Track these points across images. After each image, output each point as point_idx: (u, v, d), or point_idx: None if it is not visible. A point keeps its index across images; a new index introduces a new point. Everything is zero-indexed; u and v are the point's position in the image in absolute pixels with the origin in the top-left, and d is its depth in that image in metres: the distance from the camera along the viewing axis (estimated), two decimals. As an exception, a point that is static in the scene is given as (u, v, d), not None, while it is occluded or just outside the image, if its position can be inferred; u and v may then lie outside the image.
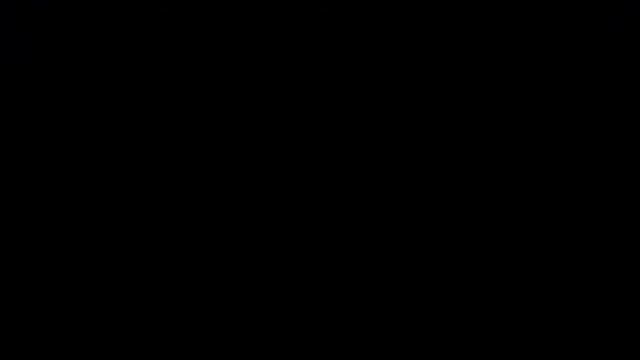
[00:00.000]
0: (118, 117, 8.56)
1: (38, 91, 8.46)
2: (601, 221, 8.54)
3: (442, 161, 8.66)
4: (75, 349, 8.23)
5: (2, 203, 8.36)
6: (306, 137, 8.62)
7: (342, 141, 8.65)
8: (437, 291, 8.52)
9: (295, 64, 8.68)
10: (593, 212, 8.57)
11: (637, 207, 8.51)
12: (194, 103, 8.64)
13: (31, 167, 8.43)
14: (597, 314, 8.34)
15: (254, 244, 8.51)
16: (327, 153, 8.64)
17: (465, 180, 8.66)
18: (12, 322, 8.19)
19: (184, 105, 8.65)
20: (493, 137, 8.66)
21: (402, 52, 8.70)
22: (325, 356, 8.31)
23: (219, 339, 8.43)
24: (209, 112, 8.65)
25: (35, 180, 8.43)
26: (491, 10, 8.60)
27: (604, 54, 8.55)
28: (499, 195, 8.65)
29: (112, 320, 8.33)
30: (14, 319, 8.21)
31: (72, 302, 8.33)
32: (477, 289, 8.58)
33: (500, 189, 8.67)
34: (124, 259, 8.43)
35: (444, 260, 8.57)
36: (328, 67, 8.66)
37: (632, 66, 8.53)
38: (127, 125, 8.57)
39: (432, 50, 8.67)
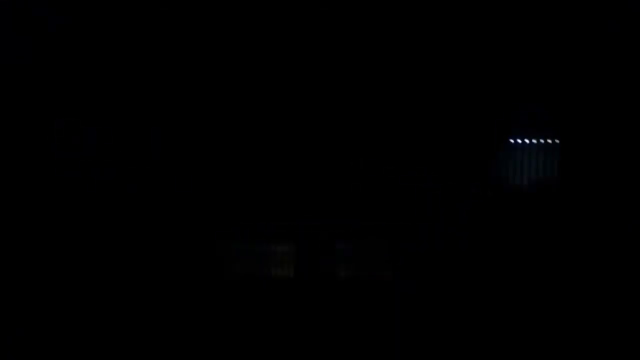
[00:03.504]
0: (116, 115, 8.55)
1: (38, 91, 8.45)
2: (601, 221, 8.52)
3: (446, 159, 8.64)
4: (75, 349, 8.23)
5: (2, 198, 8.36)
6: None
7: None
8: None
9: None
10: (593, 211, 8.55)
11: (637, 207, 8.49)
12: (187, 100, 8.63)
13: (31, 164, 8.43)
14: (597, 313, 8.31)
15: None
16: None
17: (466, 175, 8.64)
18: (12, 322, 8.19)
19: (179, 102, 8.63)
20: (493, 134, 8.64)
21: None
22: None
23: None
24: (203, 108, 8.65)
25: (35, 176, 8.43)
26: (493, 10, 8.58)
27: (604, 54, 8.53)
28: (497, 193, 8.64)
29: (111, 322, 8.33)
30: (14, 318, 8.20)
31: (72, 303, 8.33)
32: (474, 287, 8.55)
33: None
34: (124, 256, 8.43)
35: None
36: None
37: (632, 66, 8.50)
38: (125, 123, 8.55)
39: (435, 48, 8.65)
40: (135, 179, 8.45)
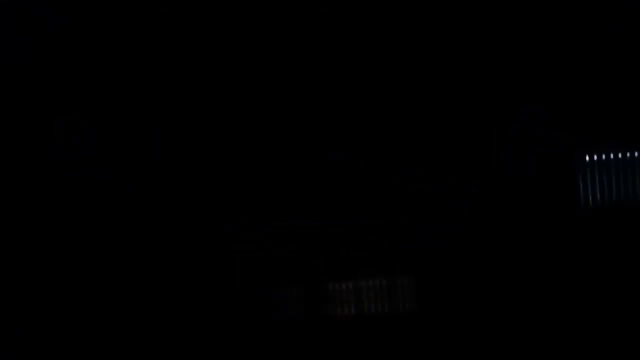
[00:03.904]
0: (116, 115, 8.56)
1: (38, 91, 8.46)
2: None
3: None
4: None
5: (2, 198, 8.37)
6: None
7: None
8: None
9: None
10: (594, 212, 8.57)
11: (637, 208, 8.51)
12: (187, 100, 8.64)
13: (31, 164, 8.44)
14: (597, 314, 8.33)
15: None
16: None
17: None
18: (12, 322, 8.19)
19: (179, 102, 8.64)
20: (494, 133, 8.66)
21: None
22: None
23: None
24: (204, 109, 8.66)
25: (35, 176, 8.43)
26: (493, 10, 8.60)
27: (604, 54, 8.55)
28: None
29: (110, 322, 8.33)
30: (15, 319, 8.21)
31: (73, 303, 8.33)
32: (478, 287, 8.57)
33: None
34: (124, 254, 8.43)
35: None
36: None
37: (632, 66, 8.52)
38: (125, 123, 8.56)
39: (434, 50, 8.67)
40: (135, 179, 8.45)
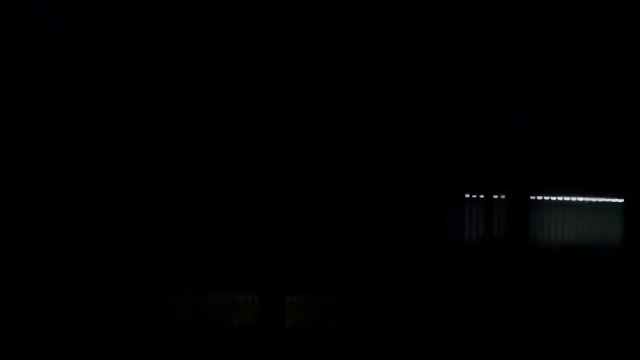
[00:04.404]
0: (116, 115, 8.56)
1: (38, 91, 8.46)
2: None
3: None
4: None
5: (2, 198, 8.37)
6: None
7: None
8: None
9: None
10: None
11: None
12: (187, 100, 8.64)
13: (31, 164, 8.44)
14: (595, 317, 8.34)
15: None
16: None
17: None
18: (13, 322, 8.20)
19: (179, 102, 8.64)
20: (493, 134, 8.66)
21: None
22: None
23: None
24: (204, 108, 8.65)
25: (35, 176, 8.43)
26: (493, 11, 8.60)
27: (604, 54, 8.55)
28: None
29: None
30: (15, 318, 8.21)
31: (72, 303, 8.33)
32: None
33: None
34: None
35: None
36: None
37: (632, 66, 8.52)
38: (125, 123, 8.56)
39: (435, 49, 8.67)
40: (135, 179, 8.45)
